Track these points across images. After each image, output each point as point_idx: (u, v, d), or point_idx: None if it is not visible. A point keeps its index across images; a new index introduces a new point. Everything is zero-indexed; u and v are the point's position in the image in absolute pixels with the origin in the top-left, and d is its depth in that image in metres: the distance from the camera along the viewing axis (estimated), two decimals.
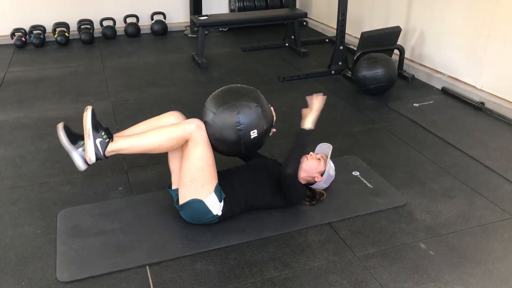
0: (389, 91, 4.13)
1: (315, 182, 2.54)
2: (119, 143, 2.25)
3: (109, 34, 6.09)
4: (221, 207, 2.32)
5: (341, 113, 3.80)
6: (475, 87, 4.03)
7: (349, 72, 4.52)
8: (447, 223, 2.42)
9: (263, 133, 2.34)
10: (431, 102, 3.98)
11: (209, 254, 2.21)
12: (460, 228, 2.38)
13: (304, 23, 6.75)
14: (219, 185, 2.31)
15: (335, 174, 2.65)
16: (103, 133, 2.23)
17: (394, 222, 2.43)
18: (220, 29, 6.42)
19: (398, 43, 4.47)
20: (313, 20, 6.74)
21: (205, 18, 5.07)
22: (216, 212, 2.31)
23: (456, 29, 4.15)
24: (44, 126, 3.55)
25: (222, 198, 2.32)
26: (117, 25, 6.21)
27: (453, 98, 4.05)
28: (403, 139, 3.34)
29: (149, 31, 6.38)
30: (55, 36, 5.81)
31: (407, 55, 4.74)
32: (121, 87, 4.40)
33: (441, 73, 4.40)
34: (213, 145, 2.33)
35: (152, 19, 6.35)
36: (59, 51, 5.63)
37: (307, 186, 2.56)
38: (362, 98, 4.08)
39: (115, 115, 3.77)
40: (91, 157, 2.21)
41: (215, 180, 2.29)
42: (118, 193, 2.71)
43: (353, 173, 2.87)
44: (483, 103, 3.80)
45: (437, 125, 3.53)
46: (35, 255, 2.21)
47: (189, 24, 6.46)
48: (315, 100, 2.48)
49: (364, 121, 3.61)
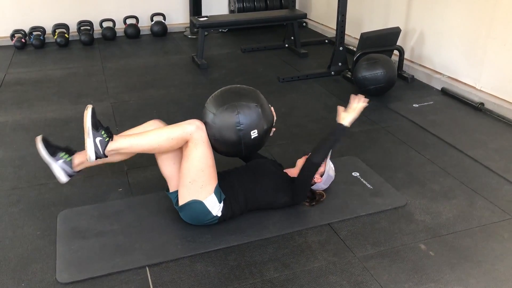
0: (388, 91, 4.12)
1: (315, 183, 2.54)
2: (119, 142, 2.25)
3: (109, 35, 6.10)
4: (221, 208, 2.31)
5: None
6: (474, 87, 4.03)
7: (349, 73, 4.52)
8: (447, 223, 2.42)
9: (264, 133, 2.34)
10: (430, 102, 3.98)
11: (209, 255, 2.21)
12: (460, 229, 2.38)
13: (304, 24, 6.75)
14: (219, 186, 2.31)
15: (335, 175, 2.65)
16: (103, 132, 2.24)
17: (394, 222, 2.43)
18: (220, 30, 6.42)
19: (398, 43, 4.47)
20: (313, 21, 6.74)
21: (205, 19, 5.07)
22: (216, 213, 2.31)
23: (456, 29, 4.15)
24: (44, 127, 3.55)
25: (222, 199, 2.32)
26: (116, 26, 6.21)
27: (453, 99, 4.05)
28: (403, 139, 3.34)
29: (148, 32, 6.38)
30: (55, 37, 5.81)
31: (406, 55, 4.74)
32: (120, 88, 4.41)
33: (440, 73, 4.40)
34: (214, 146, 2.33)
35: (152, 20, 6.35)
36: (59, 52, 5.63)
37: None
38: None
39: (115, 116, 3.77)
40: (91, 155, 2.22)
41: (215, 181, 2.29)
42: (118, 194, 2.71)
43: (352, 173, 2.87)
44: (482, 104, 3.80)
45: (436, 125, 3.53)
46: (35, 256, 2.21)
47: (188, 25, 6.46)
48: (358, 100, 2.48)
49: (363, 122, 3.61)
